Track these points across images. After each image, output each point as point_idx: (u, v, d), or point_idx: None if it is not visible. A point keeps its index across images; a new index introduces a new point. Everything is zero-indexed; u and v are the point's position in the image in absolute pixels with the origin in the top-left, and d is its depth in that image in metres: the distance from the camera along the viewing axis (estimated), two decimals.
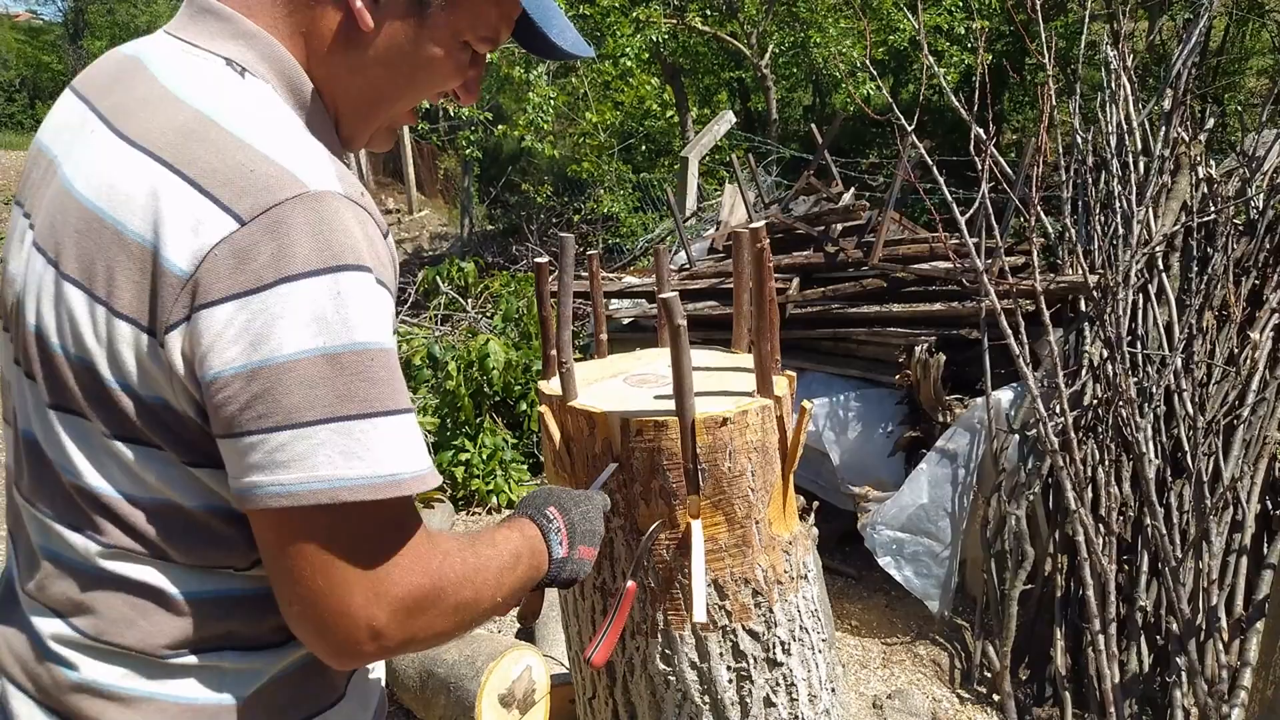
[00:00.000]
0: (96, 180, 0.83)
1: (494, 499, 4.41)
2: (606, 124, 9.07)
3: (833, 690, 1.39)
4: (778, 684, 1.27)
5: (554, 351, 1.35)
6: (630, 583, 1.19)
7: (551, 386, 1.32)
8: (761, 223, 1.23)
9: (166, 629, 0.90)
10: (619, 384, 1.36)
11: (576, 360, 1.41)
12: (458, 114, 8.96)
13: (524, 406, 4.69)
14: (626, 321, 4.50)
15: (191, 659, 0.91)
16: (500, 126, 9.43)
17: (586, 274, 4.03)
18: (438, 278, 6.98)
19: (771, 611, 1.26)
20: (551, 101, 8.39)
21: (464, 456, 4.42)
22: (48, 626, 0.92)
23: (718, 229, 5.09)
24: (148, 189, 0.80)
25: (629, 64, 8.60)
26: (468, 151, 9.02)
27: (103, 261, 0.81)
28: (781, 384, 1.28)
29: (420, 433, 0.85)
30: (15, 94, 24.68)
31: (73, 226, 0.83)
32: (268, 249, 0.77)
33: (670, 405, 1.19)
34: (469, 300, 6.95)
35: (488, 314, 6.29)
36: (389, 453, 0.80)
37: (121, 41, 0.94)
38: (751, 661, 1.25)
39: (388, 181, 16.10)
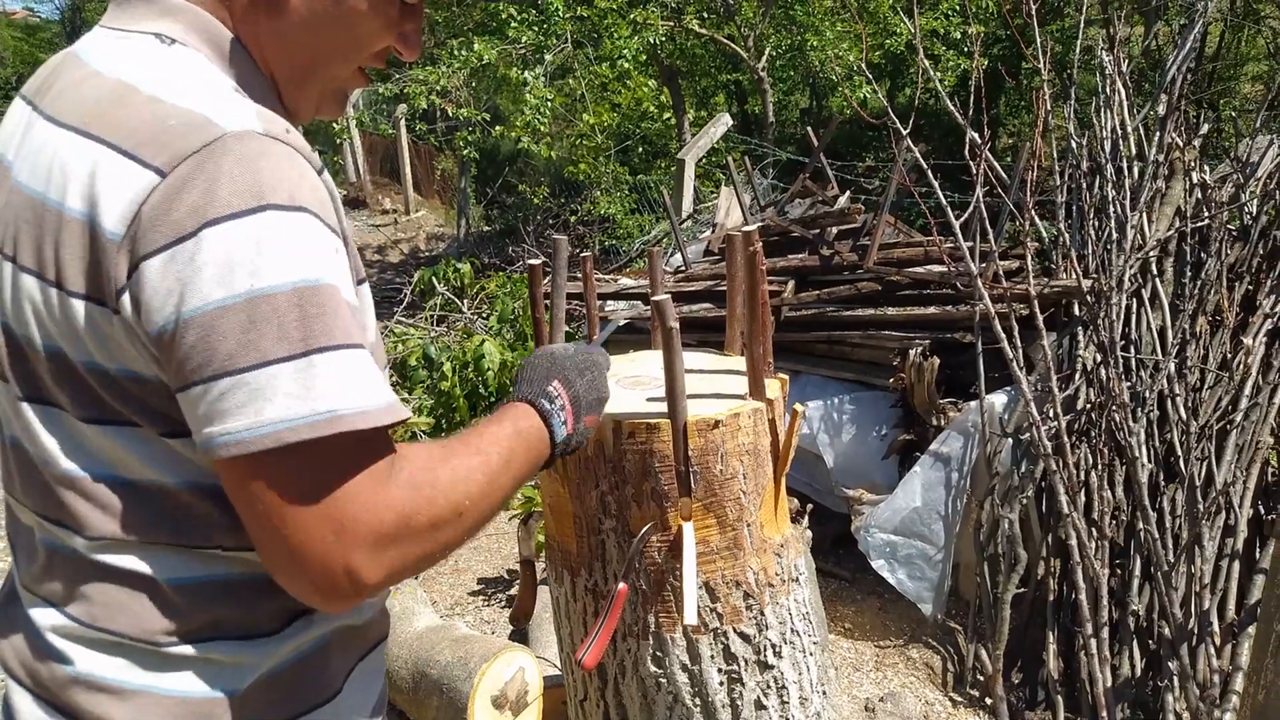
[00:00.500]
0: (39, 169, 0.84)
1: None
2: (603, 126, 9.07)
3: (824, 693, 1.40)
4: (769, 686, 1.28)
5: None
6: (622, 585, 1.19)
7: None
8: (754, 226, 1.23)
9: (156, 616, 0.90)
10: (612, 386, 1.36)
11: None
12: (455, 115, 8.96)
13: (623, 320, 4.67)
14: (622, 323, 4.50)
15: (185, 649, 0.91)
16: (498, 128, 9.44)
17: (581, 275, 4.03)
18: (433, 278, 6.98)
19: (763, 614, 1.26)
20: (549, 103, 8.39)
21: None
22: (45, 618, 0.92)
23: (714, 231, 5.09)
24: (83, 166, 0.81)
25: (626, 66, 8.60)
26: (465, 152, 9.02)
27: (50, 245, 0.82)
28: (774, 387, 1.29)
29: (370, 368, 0.82)
30: (11, 91, 24.67)
31: (23, 219, 0.85)
32: (190, 197, 0.77)
33: (662, 407, 1.19)
34: (465, 301, 6.95)
35: (483, 315, 6.29)
36: (328, 389, 0.78)
37: None
38: (743, 664, 1.26)
39: (385, 182, 16.09)
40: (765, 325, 1.25)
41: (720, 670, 1.25)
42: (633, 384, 1.36)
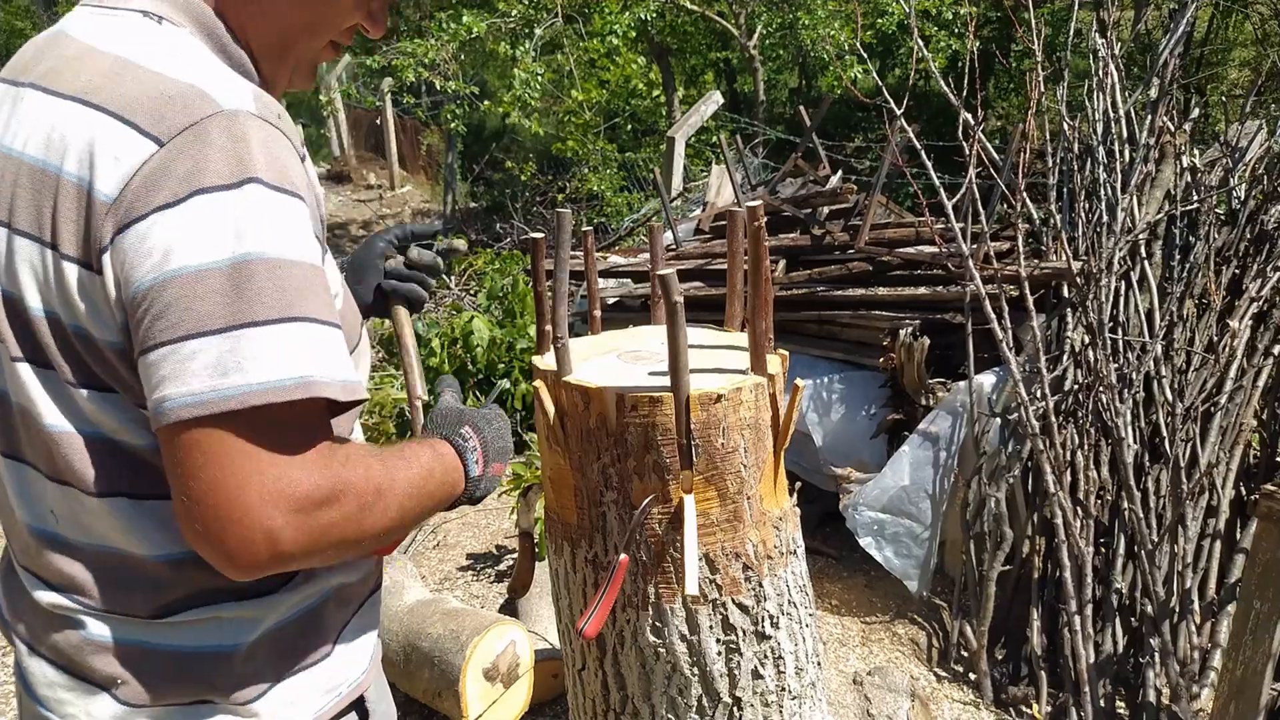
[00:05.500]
0: (38, 136, 0.86)
1: None
2: (592, 102, 9.03)
3: (818, 663, 1.42)
4: (766, 656, 1.29)
5: (548, 327, 1.35)
6: (623, 556, 1.21)
7: (546, 361, 1.32)
8: (758, 202, 1.24)
9: (149, 592, 0.93)
10: (613, 360, 1.36)
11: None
12: (444, 88, 8.89)
13: (506, 385, 4.69)
14: (611, 301, 4.50)
15: (187, 614, 0.94)
16: (485, 103, 9.38)
17: (580, 251, 4.02)
18: None
19: (761, 586, 1.28)
20: (539, 78, 8.34)
21: None
22: (45, 597, 0.95)
23: (704, 210, 5.09)
24: (82, 133, 0.83)
25: (616, 42, 8.55)
26: (453, 126, 8.96)
27: (48, 208, 0.84)
28: (775, 362, 1.30)
29: (331, 344, 0.85)
30: None
31: (21, 185, 0.87)
32: (183, 165, 0.80)
33: (664, 381, 1.20)
34: (453, 278, 6.93)
35: (471, 292, 6.27)
36: (272, 360, 0.80)
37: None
38: (740, 634, 1.27)
39: (369, 156, 15.94)
40: (768, 301, 1.25)
41: (718, 640, 1.27)
42: (633, 358, 1.37)
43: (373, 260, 1.40)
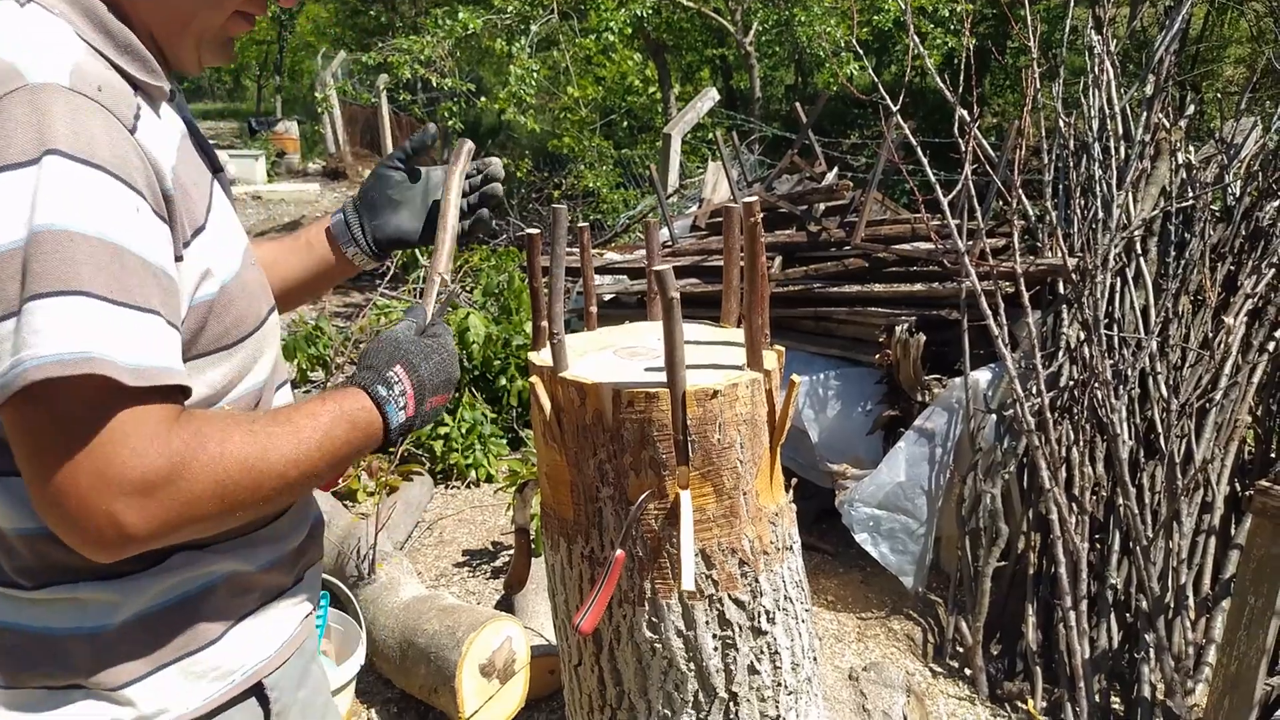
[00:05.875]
0: None
1: (473, 473, 4.42)
2: (588, 99, 9.01)
3: (814, 658, 1.42)
4: (762, 652, 1.30)
5: (544, 323, 1.35)
6: (619, 552, 1.21)
7: (542, 357, 1.32)
8: (754, 198, 1.24)
9: (8, 563, 0.93)
10: (609, 356, 1.36)
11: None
12: (440, 85, 8.87)
13: (503, 381, 4.69)
14: (608, 298, 4.50)
15: (49, 592, 0.94)
16: (482, 99, 9.36)
17: (576, 247, 4.02)
18: (416, 250, 6.94)
19: (757, 581, 1.28)
20: (535, 74, 8.32)
21: (443, 430, 4.41)
22: None
23: (700, 206, 5.09)
24: None
25: (611, 38, 8.54)
26: (449, 123, 8.94)
27: None
28: (771, 358, 1.30)
29: (122, 324, 0.82)
30: None
31: None
32: None
33: (660, 377, 1.20)
34: (451, 275, 6.90)
35: (467, 288, 6.26)
36: (51, 334, 0.78)
37: None
38: (737, 630, 1.27)
39: (365, 153, 15.92)
40: (764, 297, 1.25)
41: (715, 636, 1.27)
42: (629, 354, 1.37)
43: (395, 194, 1.38)
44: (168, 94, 1.01)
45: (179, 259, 0.92)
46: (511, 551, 3.57)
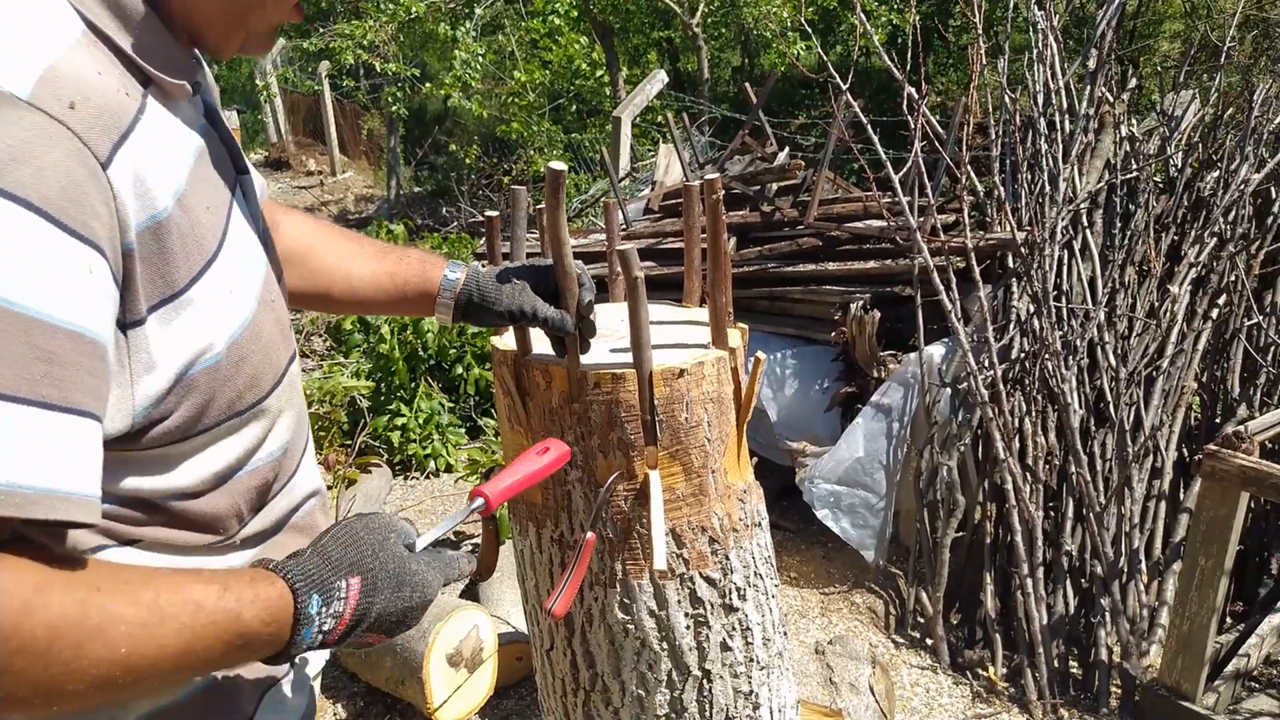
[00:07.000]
0: None
1: (432, 463, 4.38)
2: (535, 83, 8.94)
3: (785, 633, 1.43)
4: (734, 628, 1.30)
5: None
6: (589, 534, 1.20)
7: (505, 342, 1.31)
8: (715, 175, 1.23)
9: None
10: None
11: None
12: (383, 71, 8.74)
13: (459, 370, 4.65)
14: None
15: None
16: (427, 85, 9.24)
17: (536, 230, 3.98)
18: None
19: (728, 558, 1.28)
20: (480, 58, 8.23)
21: (400, 421, 4.37)
22: None
23: (653, 189, 5.07)
24: None
25: (557, 21, 8.47)
26: (394, 109, 8.82)
27: None
28: (735, 336, 1.30)
29: (70, 441, 0.66)
30: None
31: None
32: None
33: (626, 358, 1.19)
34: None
35: None
36: None
37: None
38: (708, 607, 1.28)
39: (309, 142, 15.62)
40: (727, 275, 1.25)
41: (687, 614, 1.27)
42: None
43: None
44: (189, 91, 0.89)
45: (179, 296, 0.80)
46: (476, 540, 3.55)
